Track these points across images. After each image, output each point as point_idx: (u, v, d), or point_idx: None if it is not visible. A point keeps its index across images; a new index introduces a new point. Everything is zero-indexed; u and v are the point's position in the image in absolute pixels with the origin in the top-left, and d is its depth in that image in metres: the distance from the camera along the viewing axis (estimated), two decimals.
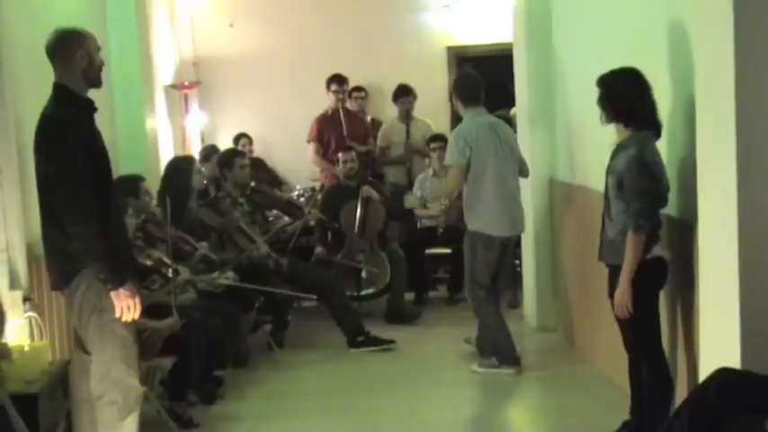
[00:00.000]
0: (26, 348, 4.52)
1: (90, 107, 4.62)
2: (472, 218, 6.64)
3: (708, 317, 4.17)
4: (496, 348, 6.67)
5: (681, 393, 4.72)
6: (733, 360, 3.80)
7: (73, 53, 4.50)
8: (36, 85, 4.64)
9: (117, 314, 4.41)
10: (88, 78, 4.56)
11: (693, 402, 3.64)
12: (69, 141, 4.39)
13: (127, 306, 4.40)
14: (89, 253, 4.36)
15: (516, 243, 7.93)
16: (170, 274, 5.84)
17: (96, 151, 4.52)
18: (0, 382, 4.01)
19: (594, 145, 5.78)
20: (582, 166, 6.82)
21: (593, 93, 4.91)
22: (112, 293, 4.39)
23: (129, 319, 4.46)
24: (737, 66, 3.74)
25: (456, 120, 8.33)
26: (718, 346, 4.03)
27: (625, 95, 4.74)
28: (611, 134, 4.92)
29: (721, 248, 3.92)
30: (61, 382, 4.58)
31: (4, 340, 4.42)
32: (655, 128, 4.74)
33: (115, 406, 4.50)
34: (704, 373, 3.98)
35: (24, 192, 4.83)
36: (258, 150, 10.26)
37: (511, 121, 8.49)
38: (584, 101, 5.93)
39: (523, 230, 7.00)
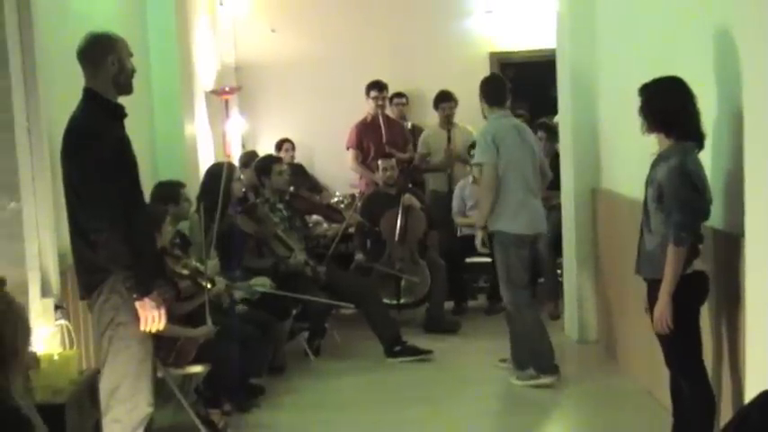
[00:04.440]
0: (55, 357, 4.46)
1: (119, 113, 4.56)
2: (496, 218, 6.59)
3: (754, 334, 4.04)
4: (534, 355, 6.58)
5: (726, 413, 4.57)
6: None
7: (103, 58, 4.45)
8: (69, 91, 4.60)
9: (142, 325, 4.37)
10: (118, 84, 4.51)
11: (738, 425, 3.49)
12: (95, 148, 4.34)
13: (151, 317, 4.36)
14: (114, 261, 4.32)
15: (556, 251, 7.88)
16: (206, 284, 5.80)
17: (123, 158, 4.46)
18: (27, 392, 3.96)
19: (639, 155, 5.65)
20: (625, 176, 6.68)
21: (636, 101, 4.80)
22: (137, 303, 4.34)
23: (154, 330, 4.41)
24: None
25: None
26: (764, 365, 3.89)
27: (667, 104, 4.62)
28: (654, 143, 4.80)
29: None
30: (90, 392, 4.51)
31: (32, 349, 4.38)
32: (697, 138, 4.60)
33: (119, 424, 4.47)
34: (750, 393, 3.84)
35: (57, 199, 4.80)
36: (299, 156, 10.22)
37: (554, 129, 8.40)
38: (627, 109, 5.80)
39: (545, 230, 7.00)
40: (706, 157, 4.68)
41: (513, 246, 6.56)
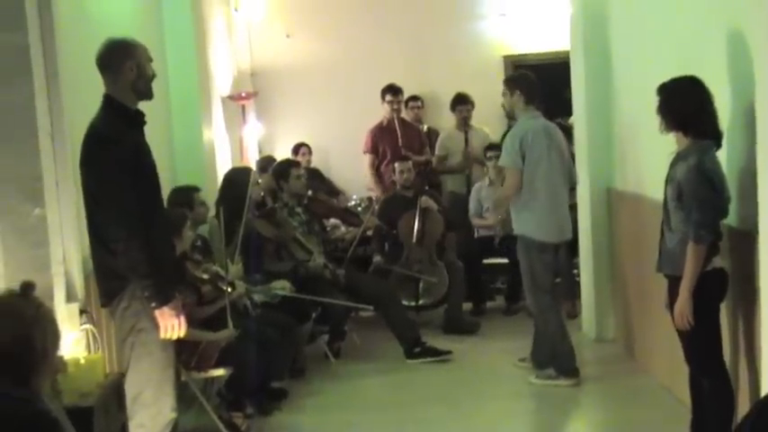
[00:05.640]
0: (81, 361, 4.52)
1: (138, 119, 4.54)
2: (522, 221, 6.57)
3: None
4: (555, 356, 6.59)
5: (743, 407, 4.60)
6: None
7: (121, 64, 4.42)
8: (92, 97, 4.62)
9: (162, 333, 4.37)
10: (137, 90, 4.47)
11: (755, 419, 3.53)
12: (112, 155, 4.32)
13: (171, 325, 4.36)
14: (132, 270, 4.31)
15: (572, 251, 7.89)
16: (226, 288, 5.85)
17: (141, 165, 4.43)
18: (55, 395, 4.02)
19: (653, 154, 5.68)
20: (640, 175, 6.71)
21: (652, 100, 4.83)
22: (156, 312, 4.34)
23: (174, 338, 4.42)
24: None
25: None
26: None
27: (685, 104, 4.66)
28: (670, 143, 4.83)
29: None
30: (116, 395, 4.56)
31: (59, 353, 4.44)
32: (715, 137, 4.64)
33: (143, 429, 4.47)
34: (766, 388, 3.87)
35: (80, 204, 4.82)
36: (315, 160, 10.28)
37: (569, 130, 8.42)
38: (642, 108, 5.83)
39: (570, 236, 6.92)
40: (721, 154, 4.70)
41: (535, 250, 6.53)
